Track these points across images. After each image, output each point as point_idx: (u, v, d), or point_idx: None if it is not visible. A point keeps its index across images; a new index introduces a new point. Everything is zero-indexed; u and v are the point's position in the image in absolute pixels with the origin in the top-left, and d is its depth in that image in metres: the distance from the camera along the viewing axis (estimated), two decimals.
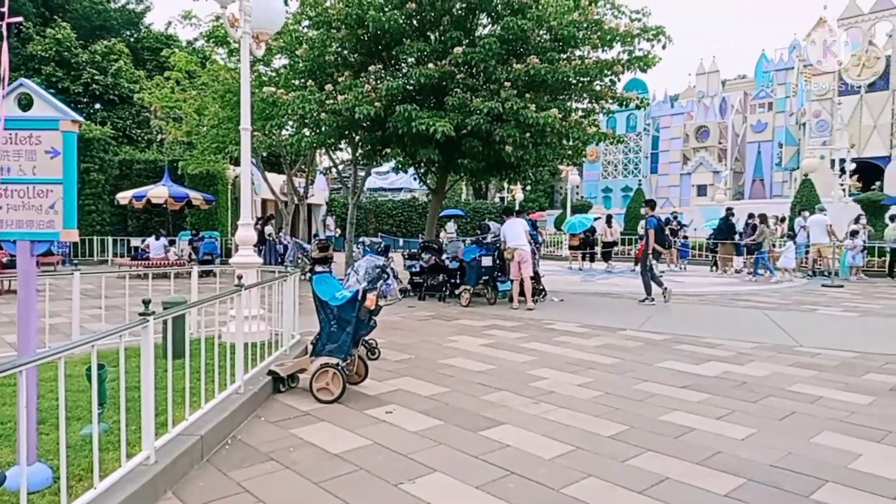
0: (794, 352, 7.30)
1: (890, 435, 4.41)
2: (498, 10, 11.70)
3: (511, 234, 10.75)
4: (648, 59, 11.37)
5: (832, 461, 3.93)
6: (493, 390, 5.54)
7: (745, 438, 4.34)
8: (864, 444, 4.23)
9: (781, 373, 6.23)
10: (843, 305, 11.48)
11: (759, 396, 5.39)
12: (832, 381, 5.93)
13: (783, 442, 4.27)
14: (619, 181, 43.07)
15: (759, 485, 3.57)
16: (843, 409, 5.02)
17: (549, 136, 11.51)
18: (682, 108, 41.68)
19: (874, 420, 4.75)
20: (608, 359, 6.86)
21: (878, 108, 29.49)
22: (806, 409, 5.06)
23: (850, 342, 7.86)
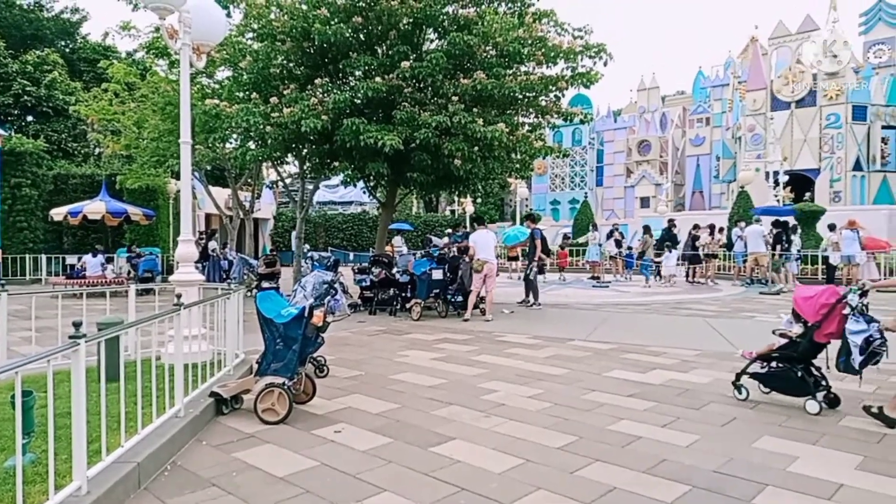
0: (735, 358, 7.49)
1: (824, 437, 4.58)
2: (444, 25, 11.81)
3: (482, 245, 10.83)
4: (591, 75, 11.67)
5: (772, 465, 4.06)
6: (444, 405, 5.50)
7: (690, 445, 4.43)
8: (800, 447, 4.38)
9: (723, 379, 6.42)
10: (779, 313, 11.89)
11: (702, 403, 5.53)
12: None
13: (725, 447, 4.38)
14: (566, 194, 43.92)
15: (703, 491, 3.65)
16: (781, 414, 5.20)
17: (497, 149, 11.65)
18: (625, 122, 42.97)
19: (810, 423, 4.93)
20: (557, 369, 6.92)
21: (808, 122, 31.09)
22: (746, 414, 5.22)
23: None
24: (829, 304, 5.24)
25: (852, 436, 4.61)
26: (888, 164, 30.28)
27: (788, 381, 5.43)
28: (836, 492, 3.63)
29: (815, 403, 5.19)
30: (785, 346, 5.51)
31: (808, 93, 31.10)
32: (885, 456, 4.19)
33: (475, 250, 10.82)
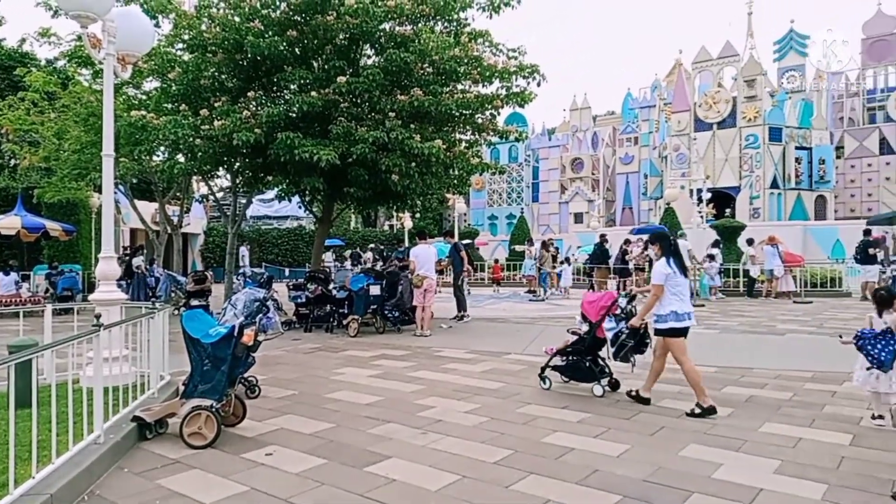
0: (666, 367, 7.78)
1: (746, 444, 4.79)
2: (381, 42, 11.85)
3: (423, 260, 10.85)
4: (525, 94, 11.96)
5: (697, 472, 4.20)
6: (381, 423, 5.43)
7: (620, 455, 4.54)
8: (724, 454, 4.56)
9: (654, 389, 6.61)
10: (704, 323, 12.45)
11: (632, 413, 5.69)
12: (695, 395, 6.37)
13: (654, 456, 4.51)
14: (503, 209, 44.64)
15: (633, 500, 3.73)
16: (706, 422, 5.41)
17: (434, 165, 11.73)
18: (559, 140, 44.20)
19: (733, 430, 5.15)
20: (494, 383, 6.97)
21: (728, 142, 32.87)
22: (674, 423, 5.40)
23: (711, 358, 8.50)
24: (606, 307, 6.47)
25: (772, 441, 4.84)
26: (802, 182, 32.38)
27: (580, 370, 6.59)
28: (756, 496, 3.79)
29: (599, 387, 6.41)
30: (576, 342, 6.65)
31: (729, 115, 32.94)
32: (800, 460, 4.42)
33: (416, 265, 10.83)
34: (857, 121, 35.33)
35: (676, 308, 5.86)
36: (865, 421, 5.33)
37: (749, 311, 14.70)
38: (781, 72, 36.87)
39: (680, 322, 5.84)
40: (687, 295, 6.02)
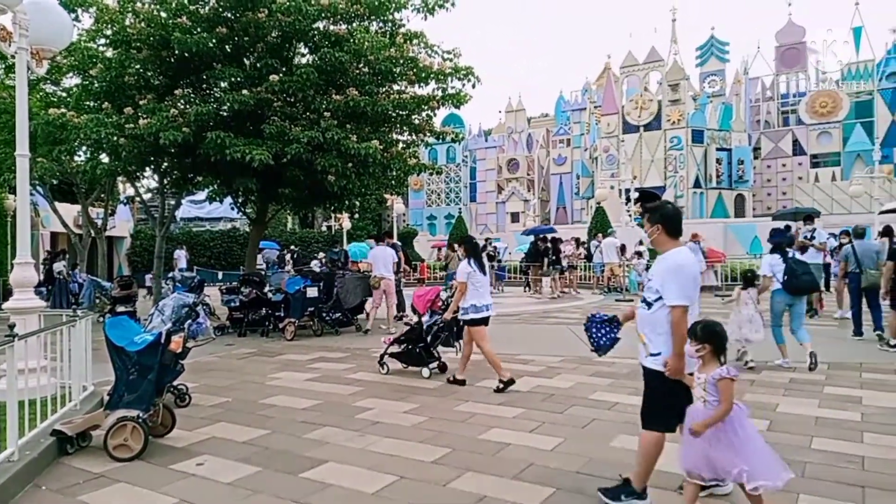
0: (594, 362, 8.02)
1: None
2: (315, 41, 11.69)
3: (381, 261, 11.07)
4: (460, 96, 12.07)
5: (627, 461, 4.35)
6: (317, 427, 5.37)
7: (554, 448, 4.67)
8: None
9: (584, 383, 6.84)
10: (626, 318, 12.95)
11: (565, 407, 5.85)
12: (626, 387, 6.62)
13: (586, 448, 4.66)
14: (442, 209, 44.86)
15: (567, 492, 3.85)
16: (634, 413, 5.57)
17: (371, 166, 11.67)
18: (495, 141, 44.84)
19: None
20: (432, 382, 7.01)
21: (654, 144, 34.21)
22: (605, 415, 5.59)
23: (639, 350, 8.85)
24: (430, 300, 7.57)
25: None
26: (722, 181, 34.07)
27: (413, 356, 7.50)
28: (682, 482, 3.97)
29: (427, 370, 7.34)
30: (408, 332, 7.58)
31: (655, 118, 34.29)
32: None
33: (373, 267, 11.09)
34: (773, 123, 37.49)
35: (476, 301, 6.74)
36: (782, 407, 5.68)
37: None
38: (703, 77, 38.68)
39: (479, 313, 6.75)
40: (486, 290, 6.92)
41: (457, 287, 6.86)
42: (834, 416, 5.38)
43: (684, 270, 3.43)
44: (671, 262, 3.50)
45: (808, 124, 35.30)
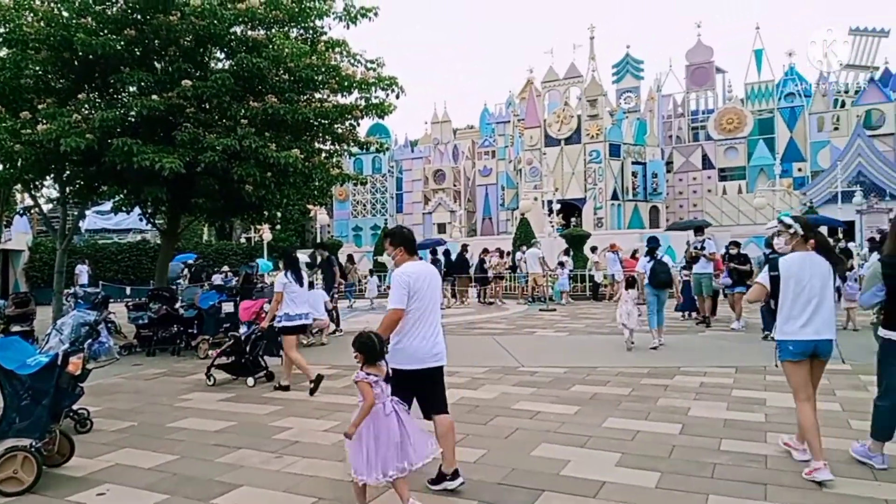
0: (518, 372, 8.14)
1: (591, 439, 5.10)
2: (232, 46, 11.30)
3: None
4: (384, 106, 11.97)
5: (547, 470, 4.40)
6: (231, 450, 5.11)
7: (477, 460, 4.64)
8: (572, 451, 4.82)
9: (507, 393, 6.88)
10: (556, 327, 13.22)
11: (488, 418, 5.85)
12: (547, 395, 6.72)
13: (508, 459, 4.66)
14: (368, 220, 44.47)
15: None
16: (555, 421, 5.70)
17: (292, 175, 11.34)
18: (422, 152, 44.96)
19: (579, 427, 5.46)
20: (355, 398, 6.77)
21: (575, 157, 35.32)
22: (527, 424, 5.63)
23: (561, 359, 9.03)
24: (255, 312, 8.56)
25: (614, 435, 5.20)
26: (638, 194, 35.57)
27: (238, 367, 7.92)
28: (600, 489, 4.04)
29: (252, 380, 7.78)
30: (233, 344, 7.98)
31: (575, 132, 35.42)
32: (638, 451, 4.78)
33: None
34: (684, 139, 39.54)
35: (289, 311, 7.32)
36: (693, 411, 5.91)
37: (595, 313, 15.81)
38: (619, 93, 40.36)
39: (291, 321, 7.32)
40: (302, 300, 7.46)
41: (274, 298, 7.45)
42: (741, 417, 5.65)
43: (397, 279, 4.15)
44: (395, 274, 4.26)
45: (715, 140, 37.47)
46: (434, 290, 4.32)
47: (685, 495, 3.90)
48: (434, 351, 4.17)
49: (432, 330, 4.21)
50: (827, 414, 5.58)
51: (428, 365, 4.18)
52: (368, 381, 3.80)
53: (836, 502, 3.76)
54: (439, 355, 4.22)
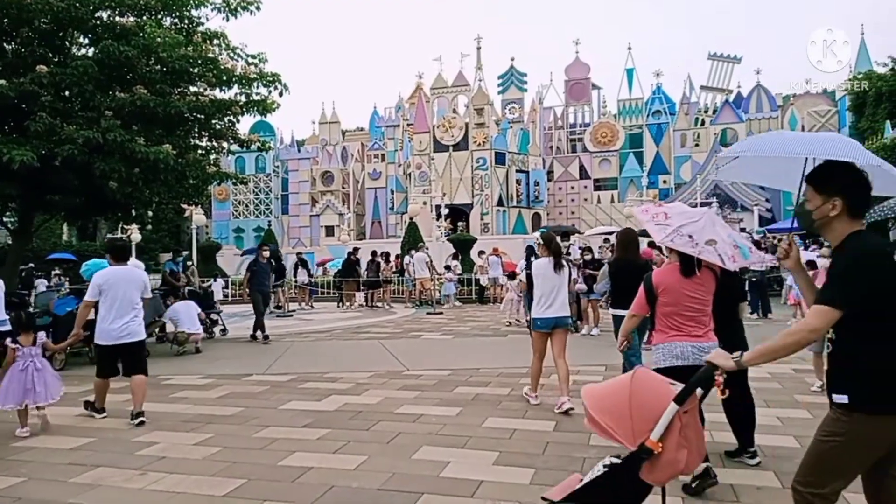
0: (403, 376, 8.14)
1: (471, 440, 5.19)
2: (97, 31, 10.42)
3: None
4: (267, 103, 11.55)
5: (427, 473, 4.42)
6: (88, 468, 4.68)
7: (357, 467, 4.57)
8: (452, 452, 4.88)
9: (391, 397, 6.85)
10: (442, 330, 13.38)
11: (371, 423, 5.79)
12: (430, 398, 6.77)
13: (389, 463, 4.63)
14: (251, 221, 42.76)
15: None
16: (437, 423, 5.75)
17: (163, 172, 10.62)
18: (309, 153, 43.94)
19: (460, 429, 5.54)
20: (230, 409, 6.52)
21: (462, 164, 36.06)
22: (409, 428, 5.63)
23: (445, 361, 9.14)
24: None
25: (492, 435, 5.32)
26: (522, 201, 36.95)
27: None
28: (477, 488, 4.11)
29: None
30: None
31: (462, 138, 36.19)
32: (514, 449, 4.93)
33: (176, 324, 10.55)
34: (563, 150, 41.62)
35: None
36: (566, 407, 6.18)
37: (480, 316, 16.19)
38: (504, 103, 41.74)
39: None
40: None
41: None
42: None
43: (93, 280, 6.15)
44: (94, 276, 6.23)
45: (591, 152, 39.80)
46: (126, 287, 6.11)
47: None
48: (124, 332, 6.03)
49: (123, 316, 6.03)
50: None
51: (119, 341, 6.04)
52: (13, 347, 5.77)
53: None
54: (129, 335, 6.08)
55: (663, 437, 2.36)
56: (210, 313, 12.60)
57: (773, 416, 5.69)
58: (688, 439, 2.42)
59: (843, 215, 2.43)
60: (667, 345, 4.13)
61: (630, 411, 2.46)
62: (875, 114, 30.09)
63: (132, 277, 6.28)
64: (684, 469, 2.48)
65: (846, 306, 2.29)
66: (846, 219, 2.44)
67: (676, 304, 4.12)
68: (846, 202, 2.42)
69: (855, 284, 2.32)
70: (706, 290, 4.16)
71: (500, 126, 38.12)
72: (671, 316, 4.14)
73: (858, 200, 2.44)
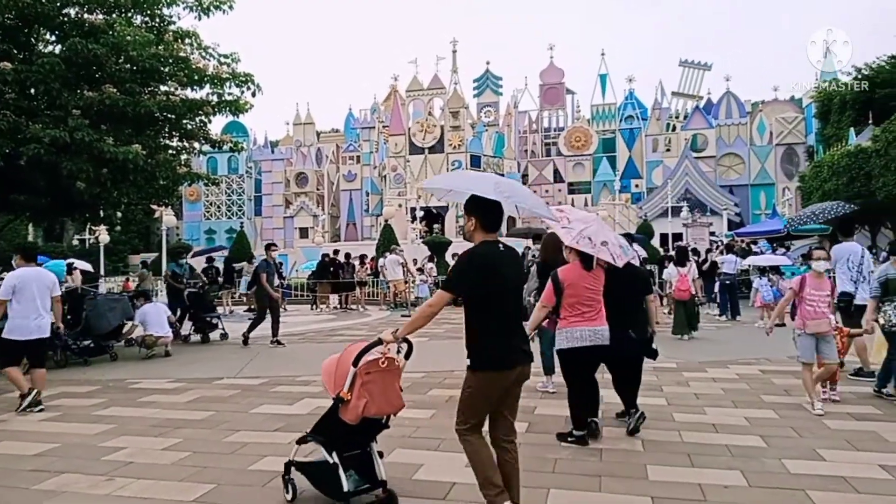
0: None
1: (444, 441, 5.19)
2: (65, 28, 10.20)
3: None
4: (240, 104, 11.42)
5: (400, 475, 4.40)
6: (52, 475, 4.58)
7: None
8: (425, 455, 4.89)
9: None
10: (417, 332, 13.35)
11: None
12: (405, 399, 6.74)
13: None
14: (223, 222, 42.20)
15: None
16: (410, 426, 5.74)
17: (132, 173, 10.42)
18: (283, 154, 43.54)
19: (434, 431, 5.54)
20: (200, 413, 6.43)
21: (438, 166, 36.11)
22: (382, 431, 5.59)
23: (419, 364, 9.07)
24: None
25: None
26: None
27: None
28: (450, 490, 4.12)
29: None
30: None
31: (438, 141, 36.25)
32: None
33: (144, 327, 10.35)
34: (538, 153, 41.93)
35: None
36: (539, 409, 6.23)
37: (454, 318, 16.14)
38: (480, 107, 41.95)
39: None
40: None
41: None
42: None
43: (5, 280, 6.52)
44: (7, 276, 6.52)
45: (565, 156, 40.17)
46: (38, 286, 6.63)
47: (529, 491, 4.08)
48: (35, 329, 6.60)
49: (35, 313, 6.57)
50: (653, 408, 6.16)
51: (31, 337, 6.58)
52: None
53: (656, 489, 4.13)
54: (40, 331, 6.64)
55: (350, 390, 3.59)
56: (210, 316, 12.38)
57: (741, 416, 5.81)
58: (370, 393, 3.62)
59: (479, 229, 3.42)
60: (569, 329, 5.01)
61: (335, 372, 3.75)
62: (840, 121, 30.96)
63: (42, 277, 6.88)
64: (365, 413, 3.64)
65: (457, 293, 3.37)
66: (480, 231, 3.42)
67: (578, 296, 5.01)
68: (479, 220, 3.40)
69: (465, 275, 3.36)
70: (600, 283, 5.09)
71: (476, 129, 38.27)
72: (574, 305, 5.02)
73: (487, 220, 3.40)
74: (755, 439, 5.10)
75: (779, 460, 4.59)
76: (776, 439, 5.10)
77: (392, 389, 3.77)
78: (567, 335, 5.00)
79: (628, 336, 5.34)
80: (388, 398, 3.73)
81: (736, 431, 5.31)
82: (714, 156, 36.87)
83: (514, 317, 3.47)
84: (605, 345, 5.02)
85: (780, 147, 36.42)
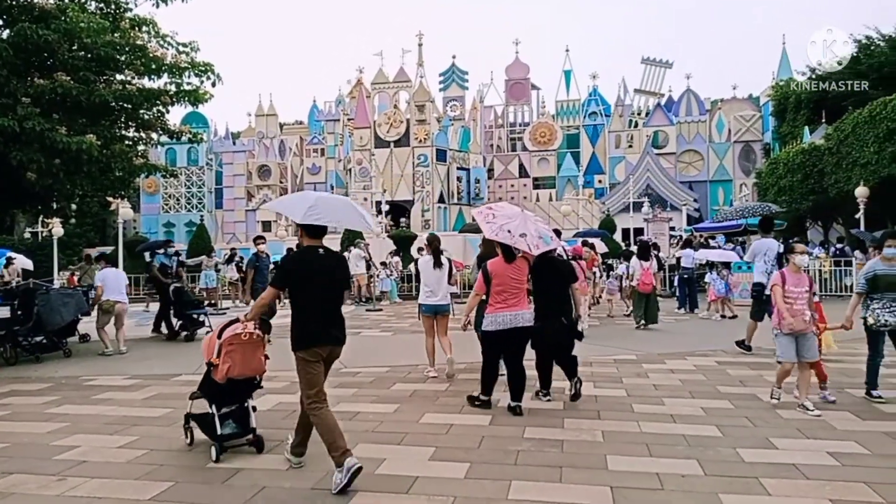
0: (341, 374, 8.04)
1: (408, 436, 5.19)
2: (13, 13, 9.79)
3: (112, 284, 10.00)
4: (199, 94, 11.15)
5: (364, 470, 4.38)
6: (1, 476, 4.42)
7: (290, 467, 4.51)
8: (388, 448, 4.87)
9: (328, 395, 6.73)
10: (381, 327, 13.31)
11: None
12: (368, 395, 6.72)
13: (323, 463, 4.54)
14: (182, 215, 41.24)
15: None
16: (374, 420, 5.72)
17: (86, 164, 10.09)
18: (245, 146, 42.73)
19: (397, 425, 5.53)
20: (158, 410, 6.28)
21: (403, 160, 35.98)
22: (346, 426, 5.49)
23: (384, 358, 9.10)
24: None
25: (429, 430, 5.34)
26: (462, 198, 37.19)
27: None
28: (412, 484, 4.12)
29: None
30: None
31: (404, 135, 36.08)
32: (451, 444, 4.96)
33: (102, 290, 9.84)
34: (503, 148, 42.13)
35: None
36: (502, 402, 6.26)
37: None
38: (446, 101, 41.85)
39: None
40: None
41: None
42: (542, 406, 6.11)
43: None
44: None
45: (530, 151, 40.44)
46: None
47: (491, 483, 4.13)
48: None
49: None
50: (613, 399, 6.27)
51: None
52: None
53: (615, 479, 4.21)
54: None
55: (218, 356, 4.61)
56: (197, 313, 11.85)
57: (698, 407, 5.95)
58: (232, 359, 4.60)
59: (304, 236, 4.38)
60: (495, 315, 5.75)
61: (210, 344, 4.78)
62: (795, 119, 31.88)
63: None
64: (229, 374, 4.61)
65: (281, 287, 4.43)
66: (307, 238, 4.37)
67: (503, 285, 5.73)
68: (303, 230, 4.36)
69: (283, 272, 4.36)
70: (522, 273, 5.85)
71: (442, 123, 38.20)
72: (500, 293, 5.75)
73: (309, 230, 4.36)
74: (711, 429, 5.23)
75: (734, 449, 4.72)
76: (731, 429, 5.24)
77: (254, 356, 4.75)
78: (491, 320, 5.78)
79: (561, 323, 6.08)
80: (248, 363, 4.71)
81: (693, 421, 5.45)
82: (674, 152, 37.61)
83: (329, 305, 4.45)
84: (526, 326, 5.78)
85: (738, 144, 37.36)
